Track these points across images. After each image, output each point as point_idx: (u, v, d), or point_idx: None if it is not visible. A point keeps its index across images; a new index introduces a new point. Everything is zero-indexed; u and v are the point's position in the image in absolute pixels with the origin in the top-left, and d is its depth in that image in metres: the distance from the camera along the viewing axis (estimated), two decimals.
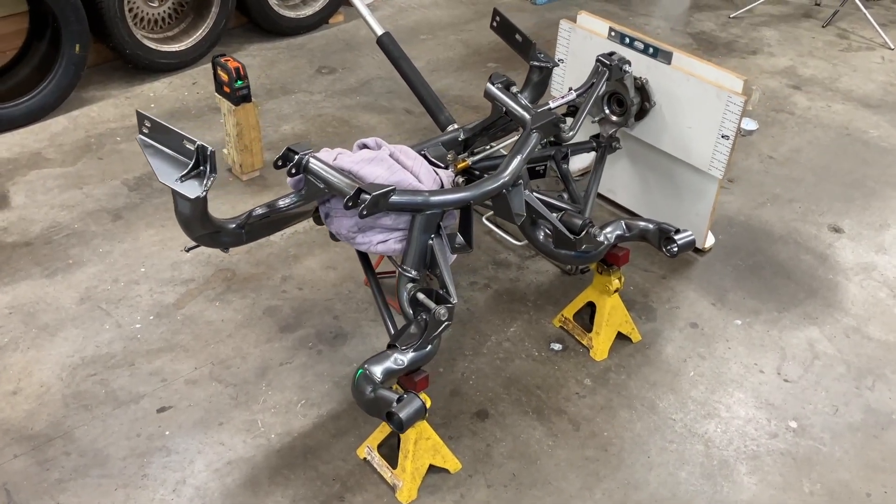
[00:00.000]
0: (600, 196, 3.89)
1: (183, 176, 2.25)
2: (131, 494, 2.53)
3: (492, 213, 3.36)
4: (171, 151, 2.28)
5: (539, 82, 3.20)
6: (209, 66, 4.76)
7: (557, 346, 3.13)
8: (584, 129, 3.56)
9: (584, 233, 2.75)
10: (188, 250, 2.55)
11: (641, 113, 3.33)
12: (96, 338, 3.06)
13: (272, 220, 2.58)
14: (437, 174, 2.64)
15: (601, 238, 2.83)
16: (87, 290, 3.27)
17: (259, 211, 2.49)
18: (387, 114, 4.50)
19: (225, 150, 3.96)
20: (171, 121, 4.31)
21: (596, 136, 3.36)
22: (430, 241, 2.51)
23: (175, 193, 2.25)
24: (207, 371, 2.96)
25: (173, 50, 4.67)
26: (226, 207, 3.74)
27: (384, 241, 2.55)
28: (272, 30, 5.15)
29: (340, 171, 2.48)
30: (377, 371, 2.33)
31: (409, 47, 5.17)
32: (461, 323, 3.21)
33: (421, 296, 2.44)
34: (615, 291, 3.03)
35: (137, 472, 2.60)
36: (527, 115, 2.81)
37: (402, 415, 2.15)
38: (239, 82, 3.66)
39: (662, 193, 3.58)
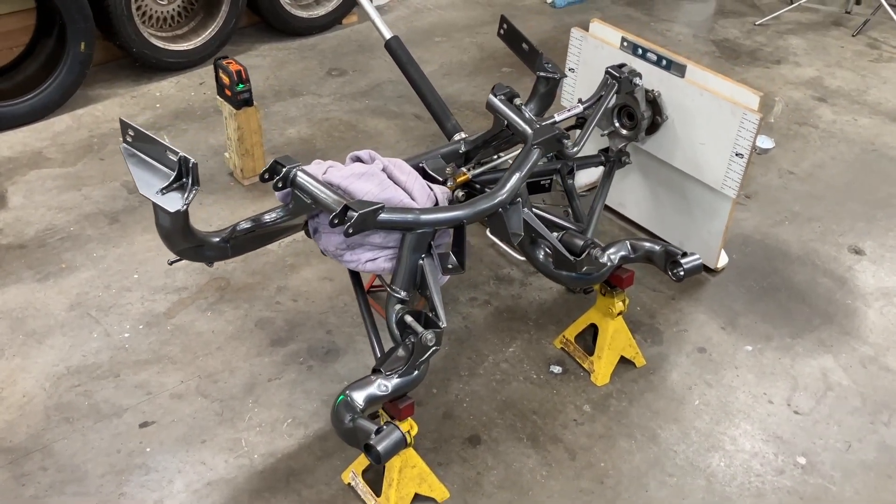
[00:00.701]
0: (610, 210, 3.75)
1: (164, 188, 2.17)
2: None
3: None
4: (155, 162, 2.21)
5: (546, 93, 3.08)
6: None
7: (557, 369, 3.01)
8: (592, 142, 3.43)
9: (585, 254, 2.63)
10: (172, 263, 2.46)
11: (653, 127, 3.19)
12: (83, 346, 2.99)
13: (260, 234, 2.49)
14: (432, 190, 2.53)
15: (604, 259, 2.71)
16: (78, 296, 3.20)
17: (244, 225, 2.39)
18: (395, 119, 4.39)
19: (226, 154, 3.88)
20: (175, 122, 4.26)
21: (605, 150, 3.23)
22: (421, 261, 2.40)
23: (155, 206, 2.17)
24: (194, 385, 2.87)
25: (181, 49, 4.60)
26: (226, 213, 3.66)
27: (373, 259, 2.44)
28: (284, 30, 5.06)
29: (329, 186, 2.38)
30: (359, 398, 2.23)
31: (422, 50, 5.09)
32: (458, 341, 3.10)
33: (409, 318, 2.34)
34: (618, 314, 2.90)
35: (114, 490, 2.52)
36: (528, 130, 2.69)
37: (380, 448, 2.05)
38: (240, 86, 3.58)
39: (674, 210, 3.44)
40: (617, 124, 3.17)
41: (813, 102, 4.76)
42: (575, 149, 2.79)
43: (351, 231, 2.22)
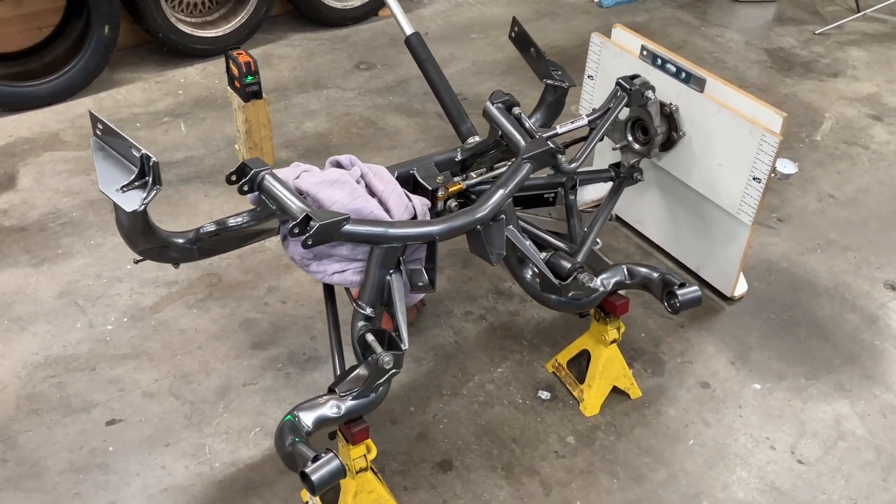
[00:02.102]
0: (628, 227, 3.56)
1: (125, 185, 2.09)
2: None
3: None
4: (121, 158, 2.14)
5: (553, 102, 2.91)
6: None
7: (545, 395, 2.84)
8: (607, 157, 3.25)
9: (571, 278, 2.46)
10: (137, 262, 2.38)
11: (668, 143, 2.98)
12: (65, 336, 2.96)
13: (231, 237, 2.39)
14: (411, 201, 2.39)
15: (594, 284, 2.53)
16: (69, 283, 3.17)
17: (208, 228, 2.30)
18: (417, 117, 4.26)
19: (236, 146, 3.81)
20: (195, 109, 4.22)
21: (616, 165, 3.04)
22: (389, 277, 2.27)
23: (115, 204, 2.09)
24: (167, 384, 2.81)
25: (209, 36, 4.55)
26: (230, 206, 3.58)
27: (341, 271, 2.32)
28: (317, 20, 4.97)
29: (298, 192, 2.27)
30: (308, 418, 2.11)
31: (456, 46, 4.94)
32: (445, 357, 2.96)
33: (370, 337, 2.21)
34: (612, 342, 2.72)
35: (70, 489, 2.47)
36: (521, 143, 2.52)
37: (315, 477, 1.93)
38: (250, 77, 3.50)
39: (692, 231, 3.22)
40: (630, 138, 2.97)
41: (867, 121, 4.44)
42: (573, 164, 2.61)
43: (310, 242, 2.10)
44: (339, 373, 2.31)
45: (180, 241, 2.29)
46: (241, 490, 2.50)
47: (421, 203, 2.41)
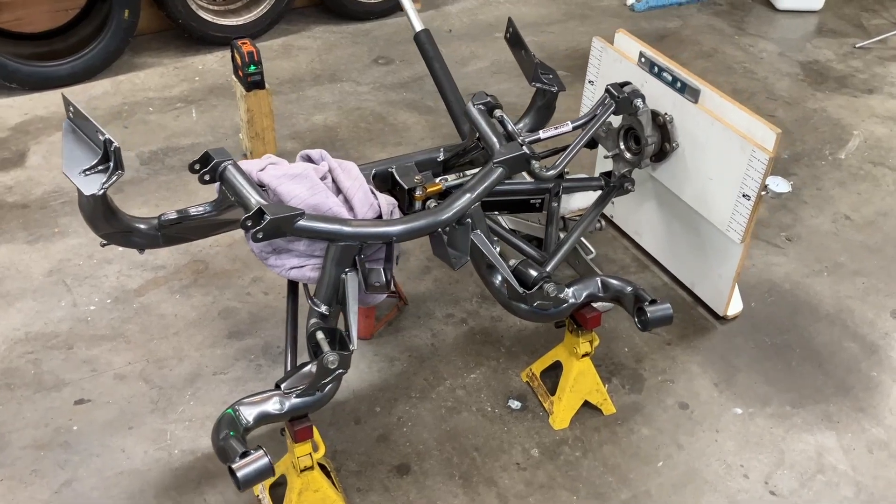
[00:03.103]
0: (626, 237, 3.46)
1: (87, 169, 2.11)
2: (12, 488, 2.44)
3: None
4: (88, 142, 2.15)
5: (543, 107, 2.84)
6: (270, 43, 4.68)
7: (516, 404, 2.78)
8: (609, 165, 3.18)
9: (536, 287, 2.39)
10: (103, 245, 2.39)
11: (661, 154, 2.89)
12: (49, 314, 3.00)
13: (196, 226, 2.39)
14: (377, 200, 2.36)
15: (563, 295, 2.46)
16: (60, 262, 3.22)
17: (169, 216, 2.29)
18: (428, 114, 4.22)
19: (240, 136, 3.82)
20: (208, 96, 4.25)
21: (607, 174, 2.95)
22: (344, 276, 2.24)
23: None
24: (139, 368, 2.83)
25: (230, 24, 4.58)
26: None
27: (299, 267, 2.30)
28: (341, 13, 4.97)
29: (258, 184, 2.25)
30: (249, 413, 2.10)
31: (478, 44, 4.88)
32: (419, 359, 2.92)
33: (320, 335, 2.18)
34: (584, 356, 2.65)
35: (29, 465, 2.50)
36: (496, 146, 2.47)
37: (240, 474, 1.91)
38: (252, 67, 3.50)
39: (687, 246, 3.12)
40: (622, 147, 2.89)
41: None
42: (550, 172, 2.54)
43: (260, 236, 2.09)
44: (289, 368, 2.29)
45: (143, 227, 2.30)
46: (196, 479, 2.50)
47: (387, 202, 2.38)
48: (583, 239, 3.30)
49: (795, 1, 5.45)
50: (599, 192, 2.91)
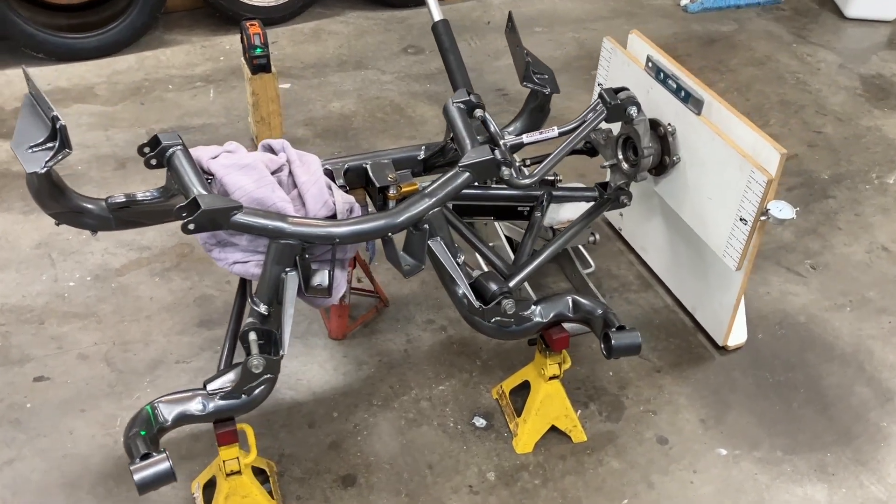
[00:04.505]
0: (633, 253, 3.25)
1: (34, 146, 2.06)
2: None
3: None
4: (44, 118, 2.10)
5: (536, 109, 2.67)
6: (301, 26, 4.61)
7: (481, 422, 2.63)
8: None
9: (494, 302, 2.23)
10: (57, 225, 2.34)
11: (661, 167, 2.68)
12: (28, 287, 3.00)
13: (148, 211, 2.31)
14: (333, 198, 2.23)
15: (527, 313, 2.30)
16: (50, 235, 3.21)
17: (116, 199, 2.22)
18: None
19: (249, 119, 3.75)
20: (229, 77, 4.20)
21: (603, 185, 2.76)
22: (284, 275, 2.13)
23: None
24: (105, 349, 2.79)
25: (262, 4, 4.53)
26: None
27: (243, 262, 2.20)
28: None
29: (205, 173, 2.16)
30: (168, 412, 2.02)
31: None
32: (388, 365, 2.79)
33: (252, 336, 2.08)
34: (552, 378, 2.47)
35: None
36: (467, 149, 2.31)
37: (136, 477, 1.83)
38: (258, 50, 3.42)
39: (690, 267, 2.90)
40: (620, 157, 2.69)
41: None
42: (526, 180, 2.36)
43: (191, 227, 2.00)
44: (222, 367, 2.20)
45: (93, 208, 2.23)
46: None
47: (343, 201, 2.25)
48: (583, 251, 3.12)
49: (866, 9, 5.06)
50: (591, 204, 2.72)
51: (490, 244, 2.56)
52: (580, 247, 3.06)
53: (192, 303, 2.97)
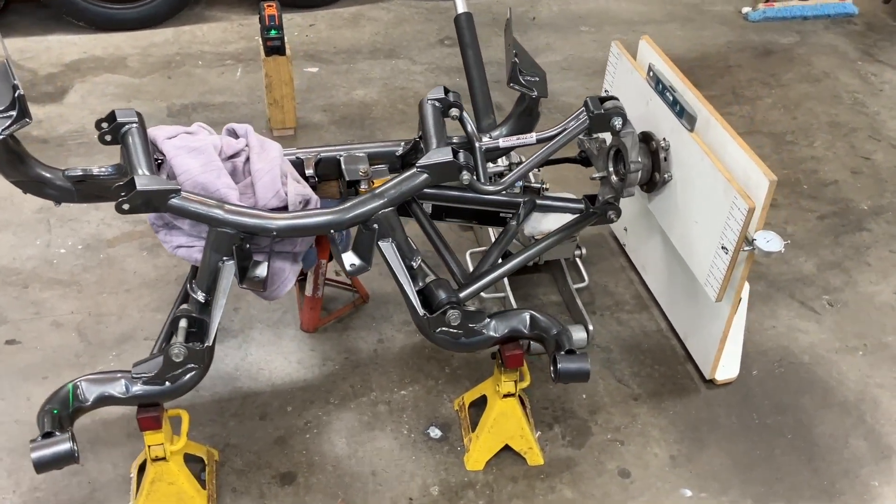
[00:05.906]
0: (634, 270, 3.08)
1: None
2: None
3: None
4: (8, 87, 2.12)
5: (524, 113, 2.54)
6: (342, 10, 4.57)
7: (436, 433, 2.53)
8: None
9: (439, 312, 2.13)
10: (25, 193, 2.35)
11: (652, 184, 2.51)
12: (21, 250, 3.05)
13: (108, 186, 2.30)
14: (285, 189, 2.16)
15: (478, 326, 2.18)
16: None
17: (73, 172, 2.20)
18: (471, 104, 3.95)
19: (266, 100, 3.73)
20: (258, 57, 4.19)
21: (591, 197, 2.61)
22: (221, 264, 2.08)
23: None
24: (79, 319, 2.81)
25: None
26: None
27: (187, 246, 2.16)
28: None
29: (154, 153, 2.13)
30: (90, 392, 2.00)
31: (557, 37, 4.55)
32: (353, 364, 2.72)
33: (182, 323, 2.04)
34: (507, 396, 2.35)
35: None
36: (433, 147, 2.20)
37: (34, 455, 1.81)
38: (273, 31, 3.39)
39: (684, 293, 2.72)
40: (611, 169, 2.53)
41: None
42: (493, 187, 2.23)
43: (126, 207, 1.97)
44: (154, 351, 2.16)
45: (52, 178, 2.23)
46: (84, 442, 2.43)
47: (297, 192, 2.18)
48: (580, 264, 2.98)
49: None
50: (576, 216, 2.57)
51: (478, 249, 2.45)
52: (577, 260, 2.92)
53: (173, 280, 2.97)
